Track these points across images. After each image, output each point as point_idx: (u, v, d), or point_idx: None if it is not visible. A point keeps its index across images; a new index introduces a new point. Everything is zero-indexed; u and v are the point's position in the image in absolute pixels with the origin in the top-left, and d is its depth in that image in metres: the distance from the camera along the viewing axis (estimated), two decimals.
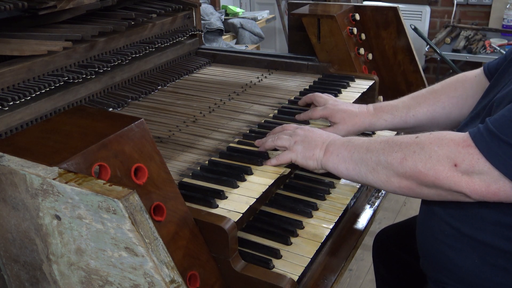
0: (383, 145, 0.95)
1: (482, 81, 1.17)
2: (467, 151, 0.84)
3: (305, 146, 1.07)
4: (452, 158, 0.85)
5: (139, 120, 0.87)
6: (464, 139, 0.85)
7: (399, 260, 1.39)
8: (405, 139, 0.93)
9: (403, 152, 0.91)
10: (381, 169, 0.94)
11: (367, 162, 0.96)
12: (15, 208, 0.82)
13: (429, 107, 1.22)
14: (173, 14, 1.77)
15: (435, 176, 0.86)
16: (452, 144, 0.86)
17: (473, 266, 0.95)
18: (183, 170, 1.11)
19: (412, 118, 1.23)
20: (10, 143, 0.85)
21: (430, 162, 0.86)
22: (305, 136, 1.09)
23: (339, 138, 1.06)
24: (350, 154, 1.00)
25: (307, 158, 1.06)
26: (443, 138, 0.88)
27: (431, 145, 0.87)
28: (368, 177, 0.97)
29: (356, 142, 1.01)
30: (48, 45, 1.28)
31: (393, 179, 0.93)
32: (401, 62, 1.74)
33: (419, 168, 0.88)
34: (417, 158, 0.88)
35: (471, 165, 0.83)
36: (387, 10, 1.70)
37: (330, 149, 1.04)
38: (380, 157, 0.94)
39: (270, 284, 0.87)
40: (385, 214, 2.89)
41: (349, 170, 1.00)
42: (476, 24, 4.09)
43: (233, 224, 0.89)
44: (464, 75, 1.23)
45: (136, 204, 0.71)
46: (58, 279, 0.84)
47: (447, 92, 1.21)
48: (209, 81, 1.67)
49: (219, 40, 3.40)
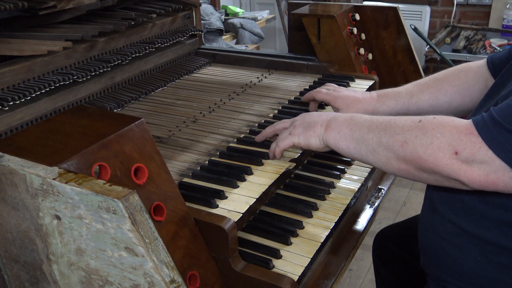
0: (385, 125, 0.94)
1: (485, 73, 1.17)
2: (469, 139, 0.83)
3: (305, 126, 1.07)
4: (454, 146, 0.84)
5: (139, 120, 0.87)
6: (467, 127, 0.84)
7: (399, 260, 1.39)
8: (407, 122, 0.91)
9: (404, 136, 0.90)
10: (382, 150, 0.93)
11: (368, 141, 0.96)
12: (15, 208, 0.82)
13: (432, 94, 1.22)
14: (173, 14, 1.77)
15: (434, 162, 0.86)
16: (455, 132, 0.84)
17: (475, 264, 0.95)
18: (183, 170, 1.11)
19: (414, 105, 1.23)
20: (10, 143, 0.85)
21: (431, 148, 0.86)
22: (304, 119, 1.09)
23: (340, 115, 1.05)
24: (351, 132, 0.99)
25: (309, 137, 1.06)
26: (446, 124, 0.86)
27: (434, 131, 0.86)
28: (368, 156, 0.97)
29: (358, 120, 1.00)
30: (48, 45, 1.28)
31: (393, 161, 0.92)
32: (401, 62, 1.74)
33: (419, 154, 0.87)
34: (418, 143, 0.87)
35: (472, 154, 0.82)
36: (387, 10, 1.70)
37: (332, 125, 1.03)
38: (382, 138, 0.93)
39: (270, 284, 0.87)
40: (385, 214, 2.89)
41: (349, 148, 1.00)
42: (476, 24, 4.10)
43: (233, 224, 0.89)
44: (468, 65, 1.23)
45: (136, 204, 0.71)
46: (58, 279, 0.84)
47: (449, 80, 1.21)
48: (209, 81, 1.67)
49: (219, 40, 3.40)
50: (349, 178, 1.25)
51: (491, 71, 1.16)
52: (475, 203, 0.93)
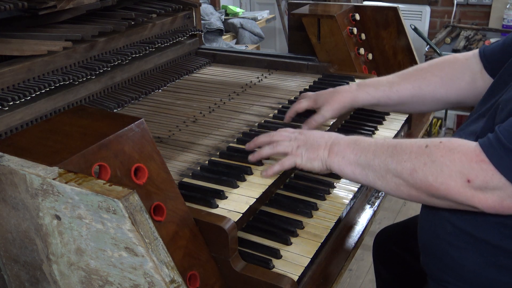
0: (391, 151, 0.92)
1: (473, 66, 1.16)
2: (480, 167, 0.81)
3: (308, 148, 1.05)
4: (465, 174, 0.82)
5: (139, 120, 0.87)
6: (477, 153, 0.82)
7: (399, 260, 1.39)
8: (414, 148, 0.90)
9: (412, 163, 0.88)
10: (391, 177, 0.92)
11: (374, 168, 0.94)
12: (15, 208, 0.82)
13: (414, 83, 1.21)
14: (173, 14, 1.77)
15: (447, 191, 0.85)
16: (464, 159, 0.83)
17: (475, 264, 0.95)
18: (183, 170, 1.11)
19: (395, 93, 1.22)
20: (10, 143, 0.85)
21: (442, 176, 0.84)
22: (307, 139, 1.06)
23: (342, 138, 1.04)
24: (356, 157, 0.97)
25: (312, 160, 1.04)
26: (454, 150, 0.85)
27: (442, 158, 0.85)
28: (376, 183, 0.95)
29: (361, 144, 0.99)
30: (48, 45, 1.28)
31: (403, 188, 0.91)
32: (401, 62, 1.74)
33: (430, 182, 0.86)
34: (428, 171, 0.86)
35: (485, 181, 0.81)
36: (387, 10, 1.70)
37: (335, 149, 1.01)
38: (389, 165, 0.91)
39: (270, 284, 0.87)
40: (385, 214, 2.89)
41: (355, 173, 0.98)
42: (476, 24, 4.09)
43: (233, 224, 0.89)
44: (454, 56, 1.21)
45: (136, 204, 0.71)
46: (58, 279, 0.84)
47: (433, 71, 1.20)
48: (209, 81, 1.67)
49: (219, 40, 3.40)
50: None
51: (484, 63, 1.14)
52: None
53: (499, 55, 1.10)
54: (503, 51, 1.09)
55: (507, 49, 1.08)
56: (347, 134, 1.30)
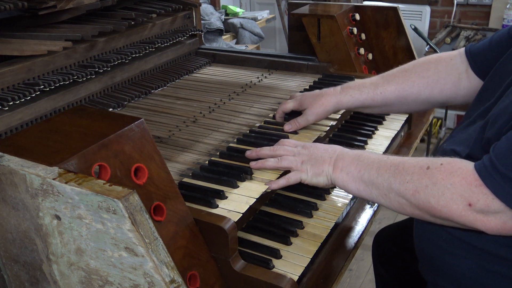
0: (393, 171, 0.93)
1: (458, 65, 1.15)
2: (480, 191, 0.82)
3: (313, 163, 1.05)
4: (466, 198, 0.83)
5: (139, 120, 0.87)
6: (475, 178, 0.83)
7: (399, 260, 1.39)
8: (416, 169, 0.90)
9: (414, 185, 0.89)
10: (394, 196, 0.93)
11: (378, 186, 0.95)
12: (15, 208, 0.82)
13: (398, 85, 1.20)
14: (173, 14, 1.77)
15: (449, 213, 0.85)
16: (464, 183, 0.84)
17: (470, 271, 0.95)
18: (183, 170, 1.11)
19: (379, 95, 1.22)
20: (10, 143, 0.85)
21: (443, 199, 0.85)
22: (311, 154, 1.06)
23: (346, 152, 1.04)
24: (360, 174, 0.98)
25: (317, 175, 1.04)
26: (454, 173, 0.85)
27: (443, 181, 0.85)
28: (380, 200, 0.96)
29: (365, 160, 0.99)
30: (48, 45, 1.28)
31: (406, 207, 0.92)
32: (401, 62, 1.73)
33: (432, 204, 0.87)
34: (430, 194, 0.87)
35: (486, 205, 0.82)
36: (387, 10, 1.70)
37: (339, 165, 1.02)
38: (392, 185, 0.92)
39: (270, 284, 0.87)
40: (385, 214, 2.89)
41: (359, 190, 0.99)
42: (476, 24, 4.09)
43: (233, 224, 0.89)
44: (439, 56, 1.20)
45: (136, 204, 0.71)
46: (58, 279, 0.84)
47: (417, 71, 1.20)
48: (209, 81, 1.67)
49: (219, 40, 3.40)
50: None
51: (470, 63, 1.13)
52: None
53: (487, 54, 1.10)
54: (491, 50, 1.09)
55: (495, 48, 1.08)
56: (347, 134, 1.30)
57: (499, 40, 1.08)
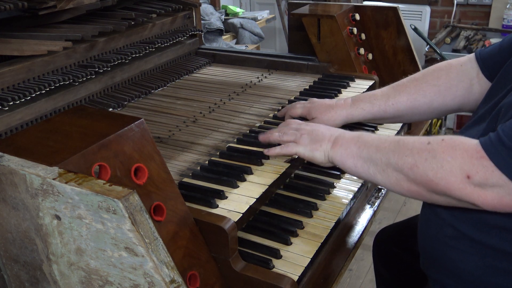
0: (394, 146, 0.93)
1: (469, 71, 1.15)
2: (480, 163, 0.82)
3: (312, 138, 1.06)
4: (465, 170, 0.83)
5: (139, 120, 0.87)
6: (477, 150, 0.83)
7: (399, 260, 1.39)
8: (416, 144, 0.90)
9: (414, 158, 0.89)
10: (391, 171, 0.93)
11: (376, 162, 0.95)
12: (15, 208, 0.82)
13: (410, 95, 1.20)
14: (173, 14, 1.77)
15: (446, 186, 0.85)
16: (466, 155, 0.83)
17: (475, 268, 0.94)
18: (183, 170, 1.11)
19: (391, 107, 1.22)
20: (10, 143, 0.85)
21: (442, 172, 0.85)
22: (312, 130, 1.08)
23: (348, 132, 1.05)
24: (359, 150, 0.99)
25: (314, 150, 1.05)
26: (456, 147, 0.85)
27: (444, 154, 0.85)
28: (377, 176, 0.96)
29: (365, 138, 1.00)
30: (48, 45, 1.28)
31: (403, 183, 0.92)
32: (401, 62, 1.74)
33: (430, 177, 0.86)
34: (428, 167, 0.86)
35: (485, 178, 0.81)
36: (387, 10, 1.70)
37: (339, 141, 1.02)
38: (390, 159, 0.92)
39: (270, 284, 0.87)
40: (385, 214, 2.89)
41: (357, 166, 0.99)
42: (476, 24, 4.09)
43: (233, 224, 0.89)
44: (449, 63, 1.20)
45: (136, 204, 0.71)
46: (58, 279, 0.84)
47: (428, 80, 1.19)
48: (209, 81, 1.67)
49: (219, 40, 3.40)
50: (349, 178, 1.25)
51: (480, 67, 1.13)
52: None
53: (497, 58, 1.10)
54: (500, 53, 1.09)
55: (504, 52, 1.08)
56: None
57: (509, 44, 1.08)
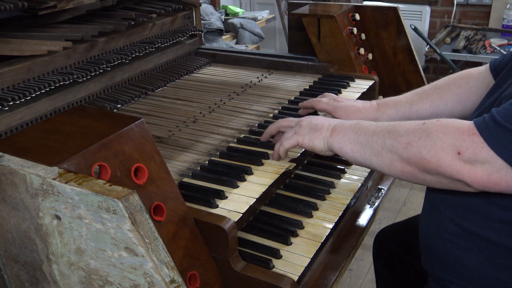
0: (390, 129, 0.95)
1: (486, 79, 1.18)
2: (471, 139, 0.84)
3: (311, 128, 1.08)
4: (456, 146, 0.85)
5: (139, 120, 0.87)
6: (470, 127, 0.85)
7: (399, 260, 1.39)
8: (412, 125, 0.93)
9: (408, 137, 0.91)
10: (386, 152, 0.94)
11: (372, 145, 0.97)
12: (15, 208, 0.82)
13: (432, 103, 1.22)
14: (173, 14, 1.77)
15: (438, 163, 0.86)
16: (457, 132, 0.86)
17: (478, 264, 0.95)
18: (183, 170, 1.11)
19: (415, 113, 1.24)
20: (10, 143, 0.85)
21: (434, 149, 0.87)
22: (311, 120, 1.10)
23: (347, 121, 1.07)
24: (356, 136, 1.00)
25: (314, 138, 1.06)
26: (449, 125, 0.88)
27: (437, 132, 0.87)
28: (372, 159, 0.97)
29: (363, 124, 1.02)
30: (48, 45, 1.28)
31: (397, 164, 0.93)
32: (401, 62, 1.74)
33: (423, 155, 0.88)
34: (422, 145, 0.88)
35: (475, 154, 0.83)
36: (387, 10, 1.70)
37: (338, 129, 1.04)
38: (386, 141, 0.94)
39: (270, 284, 0.87)
40: (385, 214, 2.89)
41: (354, 151, 1.00)
42: (476, 24, 4.09)
43: (233, 224, 0.89)
44: (469, 72, 1.23)
45: (136, 204, 0.71)
46: (58, 279, 0.84)
47: (450, 88, 1.22)
48: (209, 81, 1.67)
49: (219, 40, 3.40)
50: (349, 178, 1.25)
51: (493, 76, 1.16)
52: (478, 203, 0.93)
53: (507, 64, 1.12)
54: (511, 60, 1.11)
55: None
56: None
57: None
